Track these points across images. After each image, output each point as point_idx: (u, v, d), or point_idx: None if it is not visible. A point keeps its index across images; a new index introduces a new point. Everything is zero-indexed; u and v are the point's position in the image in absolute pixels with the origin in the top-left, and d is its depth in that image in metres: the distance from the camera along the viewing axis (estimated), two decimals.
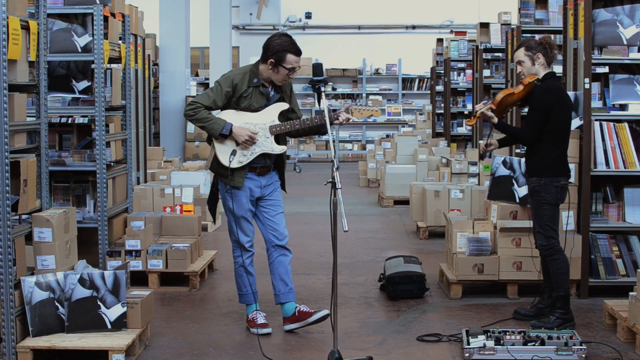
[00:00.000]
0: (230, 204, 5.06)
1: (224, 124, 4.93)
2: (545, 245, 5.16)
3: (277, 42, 4.94)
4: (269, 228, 5.16)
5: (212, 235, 8.83)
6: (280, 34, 5.04)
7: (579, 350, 4.50)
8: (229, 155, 4.97)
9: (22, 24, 4.48)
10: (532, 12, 9.00)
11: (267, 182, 5.14)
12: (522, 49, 5.21)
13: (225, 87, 4.98)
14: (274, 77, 5.00)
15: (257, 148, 5.00)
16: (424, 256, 7.28)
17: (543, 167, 5.14)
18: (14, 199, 4.45)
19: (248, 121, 5.00)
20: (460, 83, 14.35)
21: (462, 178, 10.39)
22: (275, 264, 5.17)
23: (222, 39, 15.46)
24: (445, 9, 19.40)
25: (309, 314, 5.10)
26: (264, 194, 5.14)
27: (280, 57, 4.91)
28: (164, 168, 10.40)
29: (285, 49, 4.91)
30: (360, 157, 17.71)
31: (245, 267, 5.15)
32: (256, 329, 5.03)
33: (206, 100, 4.97)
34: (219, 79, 5.07)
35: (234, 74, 5.06)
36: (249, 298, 5.20)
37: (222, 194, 5.15)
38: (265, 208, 5.16)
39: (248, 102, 5.01)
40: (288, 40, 4.97)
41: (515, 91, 5.21)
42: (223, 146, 4.99)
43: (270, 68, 4.96)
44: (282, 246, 5.16)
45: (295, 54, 4.94)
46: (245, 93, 5.00)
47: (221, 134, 4.92)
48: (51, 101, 5.79)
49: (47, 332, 4.52)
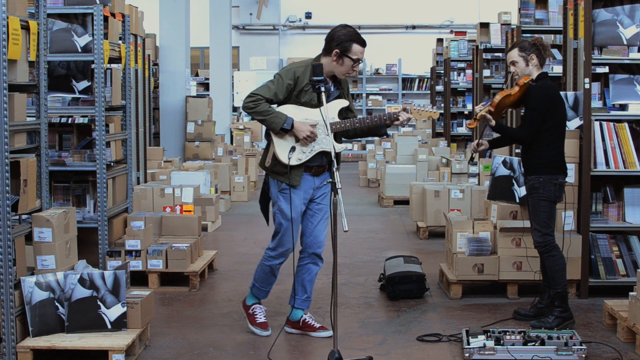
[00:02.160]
0: (282, 204, 4.90)
1: (285, 118, 4.74)
2: (541, 242, 5.17)
3: (343, 32, 4.80)
4: (310, 233, 5.02)
5: (212, 235, 8.83)
6: (343, 25, 4.89)
7: (579, 350, 4.50)
8: (287, 152, 4.79)
9: (22, 24, 4.48)
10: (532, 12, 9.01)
11: (320, 183, 4.96)
12: (516, 50, 5.23)
13: (287, 79, 4.80)
14: (337, 69, 4.85)
15: (317, 145, 4.82)
16: (424, 256, 7.28)
17: (542, 165, 5.16)
18: (14, 199, 4.45)
19: (308, 117, 4.82)
20: (460, 83, 14.36)
21: (462, 178, 10.40)
22: (304, 269, 5.08)
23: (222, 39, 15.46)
24: (445, 9, 19.40)
25: (312, 328, 5.07)
26: (314, 197, 4.98)
27: (346, 47, 4.78)
28: (164, 168, 10.40)
29: (351, 38, 4.79)
30: (360, 157, 17.72)
31: (273, 270, 5.06)
32: (254, 328, 5.01)
33: (267, 93, 4.78)
34: (281, 72, 4.87)
35: (296, 66, 4.88)
36: (262, 294, 5.14)
37: (273, 194, 4.93)
38: (312, 211, 5.00)
39: (309, 97, 4.82)
40: (352, 30, 4.84)
41: (511, 92, 5.22)
42: (282, 141, 4.81)
43: (335, 59, 4.81)
44: (317, 255, 5.06)
45: (361, 44, 4.81)
46: (307, 87, 4.80)
47: (282, 128, 4.74)
48: (51, 101, 5.79)
49: (47, 332, 4.52)
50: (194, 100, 12.73)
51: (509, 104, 5.31)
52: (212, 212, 9.11)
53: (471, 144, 5.76)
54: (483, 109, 5.22)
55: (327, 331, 5.02)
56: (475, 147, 5.40)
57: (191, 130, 12.67)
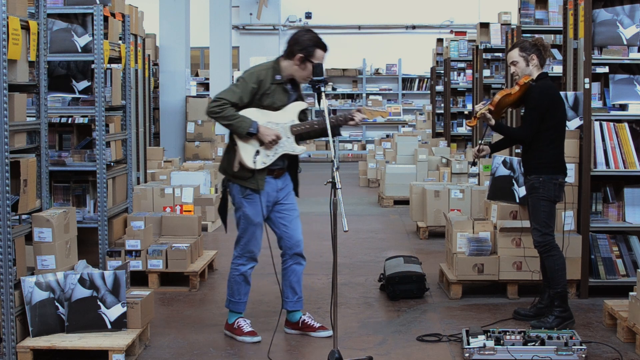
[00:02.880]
0: (247, 209, 4.87)
1: (251, 123, 4.72)
2: (541, 242, 5.18)
3: (307, 37, 4.81)
4: (285, 234, 5.02)
5: (212, 235, 8.83)
6: (306, 29, 4.91)
7: (579, 350, 4.50)
8: (252, 156, 4.79)
9: (22, 24, 4.48)
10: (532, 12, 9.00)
11: (282, 184, 4.98)
12: (517, 50, 5.23)
13: (251, 83, 4.79)
14: (298, 73, 4.86)
15: (280, 148, 4.84)
16: (424, 256, 7.28)
17: (542, 165, 5.17)
18: (14, 199, 4.45)
19: (270, 120, 4.83)
20: (460, 83, 14.35)
21: (462, 178, 10.39)
22: (289, 271, 5.08)
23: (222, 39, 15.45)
24: (445, 9, 19.39)
25: (312, 328, 5.07)
26: (279, 198, 4.98)
27: (310, 52, 4.79)
28: (164, 168, 10.39)
29: (315, 44, 4.80)
30: (360, 157, 17.72)
31: (246, 277, 5.03)
32: (244, 337, 4.94)
33: (232, 97, 4.76)
34: (244, 75, 4.85)
35: (259, 69, 4.87)
36: (240, 307, 5.06)
37: (237, 199, 4.90)
38: (281, 213, 5.00)
39: (271, 100, 4.84)
40: (316, 35, 4.85)
41: (511, 92, 5.23)
42: (247, 146, 4.80)
43: (297, 64, 4.82)
44: (298, 254, 5.06)
45: (323, 49, 4.84)
46: (269, 90, 4.81)
47: (249, 132, 4.73)
48: (51, 101, 5.79)
49: (47, 332, 4.52)
50: (194, 100, 12.73)
51: (509, 104, 5.31)
52: (212, 212, 9.10)
53: (473, 149, 5.76)
54: (483, 107, 5.22)
55: (327, 331, 5.02)
56: (476, 153, 5.41)
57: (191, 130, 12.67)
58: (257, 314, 5.48)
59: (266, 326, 5.18)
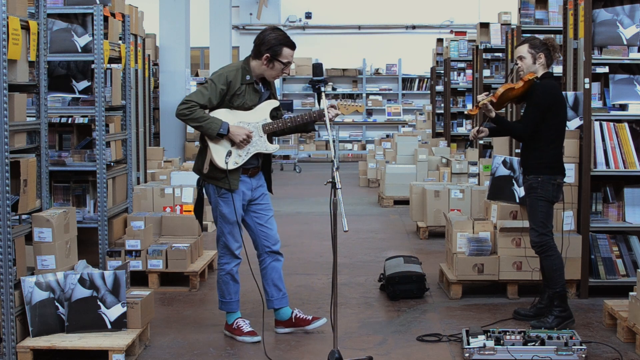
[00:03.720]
0: (223, 209, 4.90)
1: (220, 123, 4.74)
2: (538, 242, 5.18)
3: (272, 36, 4.81)
4: (262, 234, 5.04)
5: (212, 235, 8.82)
6: (272, 28, 4.91)
7: (579, 350, 4.50)
8: (224, 156, 4.82)
9: (22, 24, 4.48)
10: (532, 12, 9.00)
11: (257, 184, 5.01)
12: (526, 46, 5.23)
13: (220, 84, 4.79)
14: (267, 72, 4.87)
15: (252, 148, 4.87)
16: (424, 256, 7.28)
17: (541, 165, 5.17)
18: (14, 199, 4.45)
19: (242, 120, 4.85)
20: (460, 83, 14.35)
21: (462, 178, 10.40)
22: (269, 270, 5.08)
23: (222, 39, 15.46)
24: (445, 9, 19.39)
25: (306, 321, 5.08)
26: (254, 197, 5.00)
27: (277, 51, 4.80)
28: (164, 168, 10.39)
29: (281, 42, 4.81)
30: (360, 157, 17.71)
31: (233, 275, 5.03)
32: (244, 337, 4.95)
33: (201, 99, 4.76)
34: (212, 77, 4.86)
35: (227, 70, 4.89)
36: (233, 306, 5.07)
37: (213, 199, 4.93)
38: (256, 213, 5.03)
39: (242, 100, 4.86)
40: (282, 34, 4.86)
41: (515, 86, 5.23)
42: (218, 147, 4.83)
43: (265, 63, 4.83)
44: (276, 252, 5.08)
45: (290, 47, 4.84)
46: (239, 91, 4.83)
47: (219, 133, 4.77)
48: (51, 101, 5.79)
49: (47, 332, 4.52)
50: None
51: (511, 98, 5.31)
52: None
53: (471, 130, 5.79)
54: (485, 98, 5.23)
55: (321, 320, 5.06)
56: (475, 133, 5.41)
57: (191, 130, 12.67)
58: (256, 313, 5.47)
59: (266, 326, 5.17)
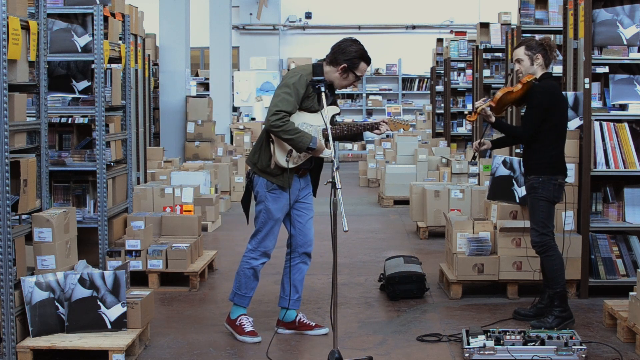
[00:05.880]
0: (270, 204, 4.91)
1: (311, 138, 4.74)
2: (538, 242, 5.18)
3: (353, 49, 4.85)
4: (300, 232, 5.07)
5: (212, 235, 8.83)
6: (353, 39, 4.94)
7: (579, 350, 4.50)
8: (285, 156, 4.82)
9: (22, 24, 4.48)
10: (532, 12, 9.00)
11: (304, 184, 5.05)
12: (523, 48, 5.23)
13: (301, 88, 4.80)
14: (339, 81, 4.92)
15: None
16: (424, 256, 7.28)
17: (542, 165, 5.17)
18: (14, 199, 4.45)
19: (306, 121, 4.87)
20: (460, 83, 14.35)
21: (462, 178, 10.39)
22: (295, 269, 5.09)
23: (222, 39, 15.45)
24: (445, 9, 19.39)
25: (309, 327, 5.09)
26: (299, 197, 5.04)
27: (355, 64, 4.85)
28: (164, 168, 10.40)
29: (360, 56, 4.86)
30: (360, 157, 17.70)
31: (256, 272, 5.04)
32: (244, 337, 4.94)
33: (289, 106, 4.75)
34: (292, 81, 4.82)
35: (306, 73, 4.88)
36: (245, 301, 5.07)
37: (261, 193, 4.92)
38: (299, 211, 5.06)
39: (310, 103, 4.87)
40: (362, 48, 4.90)
41: (514, 89, 5.23)
42: (281, 146, 4.82)
43: (339, 72, 4.87)
44: (307, 254, 5.10)
45: (368, 63, 4.91)
46: (310, 94, 4.84)
47: (309, 147, 4.73)
48: (51, 101, 5.79)
49: (47, 332, 4.52)
50: (194, 100, 12.73)
51: (511, 101, 5.31)
52: (212, 212, 9.11)
53: (473, 143, 5.78)
54: (484, 103, 5.23)
55: (323, 329, 5.07)
56: (477, 146, 5.41)
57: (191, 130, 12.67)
58: (257, 314, 5.48)
59: (266, 326, 5.18)
